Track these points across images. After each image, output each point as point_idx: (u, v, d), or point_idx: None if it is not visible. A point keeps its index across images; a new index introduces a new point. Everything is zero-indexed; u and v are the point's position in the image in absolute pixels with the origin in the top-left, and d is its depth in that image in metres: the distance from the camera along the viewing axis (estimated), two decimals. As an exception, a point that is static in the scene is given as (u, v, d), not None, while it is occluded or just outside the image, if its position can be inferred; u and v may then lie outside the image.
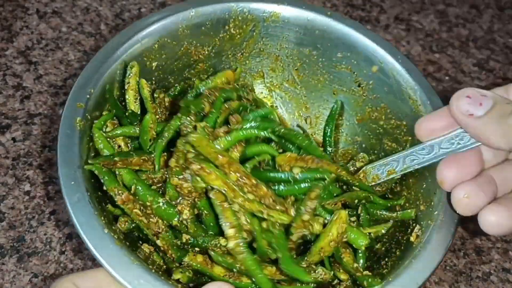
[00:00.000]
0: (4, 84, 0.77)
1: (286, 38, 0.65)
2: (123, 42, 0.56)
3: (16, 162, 0.69)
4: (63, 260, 0.62)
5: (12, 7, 0.88)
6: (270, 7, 0.62)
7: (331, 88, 0.66)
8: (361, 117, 0.65)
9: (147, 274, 0.42)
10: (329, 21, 0.62)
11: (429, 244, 0.47)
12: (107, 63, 0.55)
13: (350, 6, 0.98)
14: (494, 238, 0.69)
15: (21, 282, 0.60)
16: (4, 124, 0.73)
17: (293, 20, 0.63)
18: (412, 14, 0.99)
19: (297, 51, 0.66)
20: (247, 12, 0.62)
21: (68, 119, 0.49)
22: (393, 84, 0.59)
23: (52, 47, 0.83)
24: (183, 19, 0.60)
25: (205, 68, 0.65)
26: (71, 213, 0.44)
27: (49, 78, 0.79)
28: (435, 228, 0.48)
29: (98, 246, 0.43)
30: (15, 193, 0.67)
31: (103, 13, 0.89)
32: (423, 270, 0.45)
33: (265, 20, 0.63)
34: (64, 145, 0.48)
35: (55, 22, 0.87)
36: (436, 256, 0.46)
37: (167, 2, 0.93)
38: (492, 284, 0.65)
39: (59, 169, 0.46)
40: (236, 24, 0.63)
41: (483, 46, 0.95)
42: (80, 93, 0.52)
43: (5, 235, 0.63)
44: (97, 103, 0.53)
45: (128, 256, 0.43)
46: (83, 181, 0.46)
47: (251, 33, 0.64)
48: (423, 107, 0.56)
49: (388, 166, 0.53)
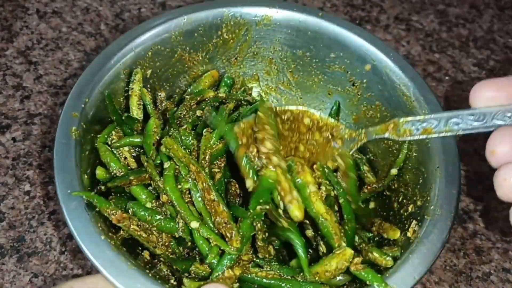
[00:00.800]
0: (4, 84, 0.77)
1: (279, 41, 0.65)
2: (116, 51, 0.57)
3: (16, 162, 0.69)
4: (63, 260, 0.62)
5: (12, 7, 0.88)
6: (262, 10, 0.63)
7: (326, 88, 0.67)
8: (357, 116, 0.65)
9: (144, 278, 0.43)
10: (320, 22, 0.62)
11: (426, 239, 0.47)
12: (101, 73, 0.55)
13: (350, 6, 0.98)
14: (494, 238, 0.69)
15: (21, 282, 0.60)
16: (4, 124, 0.73)
17: (284, 22, 0.64)
18: (412, 14, 0.99)
19: (291, 53, 0.66)
20: (239, 16, 0.63)
21: (64, 128, 0.50)
22: (386, 81, 0.60)
23: (52, 47, 0.83)
24: (175, 26, 0.60)
25: (199, 74, 0.65)
26: (68, 220, 0.45)
27: (49, 78, 0.79)
28: (431, 222, 0.49)
29: (95, 252, 0.43)
30: (15, 193, 0.67)
31: (103, 13, 0.89)
32: (420, 264, 0.46)
33: (257, 24, 0.64)
34: (60, 154, 0.49)
35: (55, 22, 0.87)
36: (434, 250, 0.47)
37: (167, 2, 0.93)
38: (492, 284, 0.65)
39: (56, 177, 0.47)
40: (229, 29, 0.63)
41: (483, 46, 0.95)
42: (75, 102, 0.52)
43: (5, 235, 0.63)
44: (92, 112, 0.54)
45: (125, 262, 0.43)
46: (79, 188, 0.47)
47: (244, 37, 0.65)
48: (417, 103, 0.57)
49: (425, 123, 0.47)
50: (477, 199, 0.72)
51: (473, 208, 0.72)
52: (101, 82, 0.55)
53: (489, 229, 0.70)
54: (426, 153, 0.54)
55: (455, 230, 0.69)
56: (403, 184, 0.57)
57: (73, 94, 0.53)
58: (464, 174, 0.75)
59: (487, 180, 0.75)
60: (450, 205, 0.49)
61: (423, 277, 0.45)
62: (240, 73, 0.68)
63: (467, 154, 0.77)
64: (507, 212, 0.75)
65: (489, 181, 0.78)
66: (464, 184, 0.74)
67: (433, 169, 0.52)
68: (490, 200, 0.73)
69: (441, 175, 0.51)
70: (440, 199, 0.50)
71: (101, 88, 0.55)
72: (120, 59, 0.57)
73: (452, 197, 0.50)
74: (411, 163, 0.57)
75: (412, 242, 0.48)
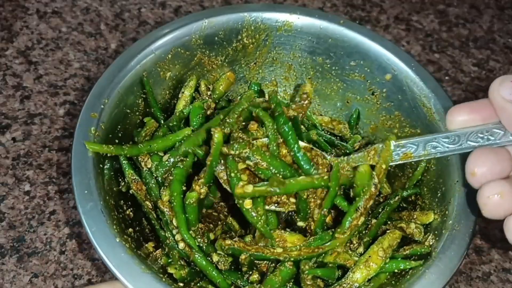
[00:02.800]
0: (4, 84, 0.77)
1: (299, 47, 0.65)
2: (137, 53, 0.57)
3: (16, 162, 0.69)
4: (63, 260, 0.62)
5: (12, 7, 0.88)
6: (283, 16, 0.62)
7: (345, 96, 0.66)
8: (375, 126, 0.64)
9: (159, 283, 0.43)
10: (342, 30, 0.62)
11: (443, 254, 0.46)
12: (122, 74, 0.55)
13: (350, 6, 0.98)
14: (494, 238, 0.69)
15: (21, 282, 0.60)
16: (4, 124, 0.73)
17: (305, 29, 0.63)
18: (412, 14, 0.99)
19: (310, 60, 0.65)
20: (259, 21, 0.62)
21: (83, 129, 0.50)
22: (406, 92, 0.59)
23: (52, 47, 0.83)
24: (196, 29, 0.60)
25: (218, 78, 0.65)
26: (84, 221, 0.45)
27: (49, 78, 0.79)
28: (449, 238, 0.47)
29: (110, 254, 0.43)
30: (15, 193, 0.67)
31: (103, 13, 0.89)
32: (438, 280, 0.45)
33: (278, 30, 0.63)
34: (78, 154, 0.48)
35: (55, 22, 0.87)
36: (451, 266, 0.46)
37: (167, 2, 0.93)
38: (492, 284, 0.65)
39: (73, 178, 0.47)
40: (249, 34, 0.63)
41: (483, 46, 0.95)
42: (94, 103, 0.52)
43: (5, 235, 0.63)
44: (111, 113, 0.53)
45: (139, 265, 0.43)
46: (96, 190, 0.47)
47: (264, 43, 0.64)
48: (437, 115, 0.56)
49: (404, 149, 0.48)
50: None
51: (473, 208, 0.72)
52: (121, 83, 0.54)
53: (489, 229, 0.70)
54: (445, 167, 0.53)
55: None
56: (420, 197, 0.57)
57: (93, 94, 0.52)
58: (464, 174, 0.75)
59: (487, 180, 0.75)
60: (469, 220, 0.48)
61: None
62: (258, 78, 0.68)
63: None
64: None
65: (489, 181, 0.78)
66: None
67: (452, 183, 0.51)
68: (490, 200, 0.72)
69: (460, 190, 0.50)
70: (458, 213, 0.49)
71: (120, 90, 0.54)
72: (140, 60, 0.57)
73: (470, 212, 0.49)
74: (429, 176, 0.56)
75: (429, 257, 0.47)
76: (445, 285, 0.44)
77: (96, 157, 0.49)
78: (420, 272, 0.46)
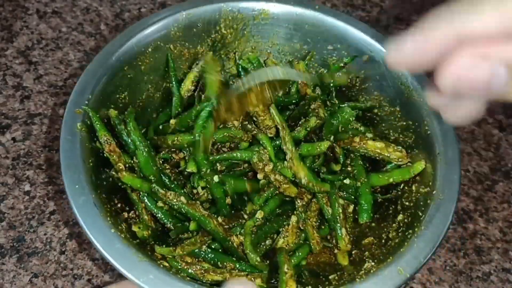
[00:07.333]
0: (4, 84, 0.77)
1: (276, 35, 0.66)
2: (117, 49, 0.57)
3: (16, 162, 0.69)
4: (63, 260, 0.62)
5: (12, 7, 0.88)
6: (259, 5, 0.64)
7: None
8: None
9: (156, 269, 0.43)
10: (317, 15, 0.63)
11: (430, 223, 0.48)
12: (103, 69, 0.56)
13: (350, 6, 0.98)
14: (494, 238, 0.69)
15: (21, 282, 0.60)
16: (4, 124, 0.73)
17: (282, 16, 0.64)
18: (412, 14, 0.99)
19: (288, 47, 0.67)
20: (237, 11, 0.63)
21: (69, 125, 0.51)
22: (384, 71, 0.60)
23: (52, 47, 0.83)
24: (174, 21, 0.61)
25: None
26: (77, 215, 0.45)
27: (49, 78, 0.79)
28: (434, 207, 0.49)
29: (106, 245, 0.44)
30: (15, 193, 0.67)
31: (103, 13, 0.89)
32: (426, 247, 0.47)
33: (255, 18, 0.64)
34: (66, 150, 0.49)
35: (55, 22, 0.87)
36: (438, 233, 0.48)
37: (167, 2, 0.93)
38: (492, 284, 0.65)
39: (63, 174, 0.48)
40: (227, 24, 0.64)
41: (483, 46, 0.95)
42: (78, 99, 0.53)
43: (5, 235, 0.63)
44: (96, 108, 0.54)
45: (135, 254, 0.44)
46: (87, 184, 0.48)
47: (242, 32, 0.65)
48: (415, 92, 0.58)
49: None
50: (477, 199, 0.72)
51: (473, 208, 0.72)
52: (103, 79, 0.55)
53: (489, 229, 0.70)
54: (426, 140, 0.55)
55: (455, 230, 0.69)
56: None
57: (76, 91, 0.53)
58: (464, 174, 0.75)
59: (487, 180, 0.75)
60: (452, 190, 0.50)
61: (429, 259, 0.47)
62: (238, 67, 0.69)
63: (467, 154, 0.77)
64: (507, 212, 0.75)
65: (489, 181, 0.79)
66: (464, 184, 0.74)
67: (434, 155, 0.54)
68: (490, 200, 0.73)
69: (441, 161, 0.52)
70: (441, 184, 0.51)
71: (103, 85, 0.55)
72: (121, 56, 0.57)
73: (453, 181, 0.51)
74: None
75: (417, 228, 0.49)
76: (434, 250, 0.47)
77: (83, 152, 0.50)
78: (409, 242, 0.48)
